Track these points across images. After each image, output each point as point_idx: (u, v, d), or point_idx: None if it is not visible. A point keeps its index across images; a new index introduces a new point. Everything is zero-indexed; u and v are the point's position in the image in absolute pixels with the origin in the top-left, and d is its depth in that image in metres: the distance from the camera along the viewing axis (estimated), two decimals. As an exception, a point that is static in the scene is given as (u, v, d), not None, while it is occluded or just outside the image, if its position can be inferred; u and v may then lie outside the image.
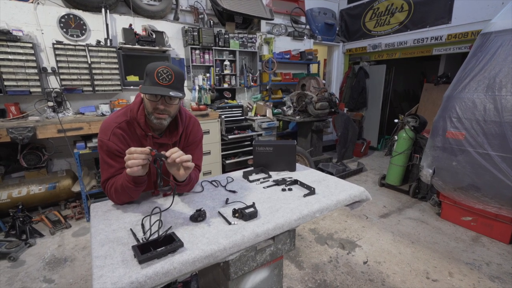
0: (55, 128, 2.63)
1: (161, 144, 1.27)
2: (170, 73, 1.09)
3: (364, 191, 1.35)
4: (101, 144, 1.17)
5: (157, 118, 1.15)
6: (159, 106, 1.12)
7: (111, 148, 1.16)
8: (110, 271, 0.78)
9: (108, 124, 1.19)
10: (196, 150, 1.40)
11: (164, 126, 1.20)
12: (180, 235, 0.93)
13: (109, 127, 1.18)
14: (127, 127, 1.20)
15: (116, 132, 1.17)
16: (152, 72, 1.08)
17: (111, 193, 1.17)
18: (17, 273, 2.12)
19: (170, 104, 1.15)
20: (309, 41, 5.26)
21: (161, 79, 1.07)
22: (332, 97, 4.20)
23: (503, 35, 2.39)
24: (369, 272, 2.15)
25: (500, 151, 2.29)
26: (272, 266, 1.19)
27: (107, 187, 1.19)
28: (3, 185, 2.77)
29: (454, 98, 2.59)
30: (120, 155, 1.17)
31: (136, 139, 1.23)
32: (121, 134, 1.18)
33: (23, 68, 2.77)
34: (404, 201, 3.45)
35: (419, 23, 4.56)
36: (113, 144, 1.16)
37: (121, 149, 1.17)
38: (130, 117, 1.21)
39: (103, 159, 1.19)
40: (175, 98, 1.15)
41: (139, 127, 1.21)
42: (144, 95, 1.15)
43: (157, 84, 1.07)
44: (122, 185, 1.11)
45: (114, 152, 1.17)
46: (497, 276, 2.09)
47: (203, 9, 3.99)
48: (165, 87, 1.08)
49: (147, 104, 1.15)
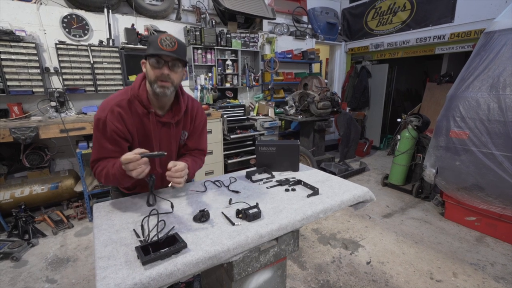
0: (57, 128, 2.63)
1: (164, 123, 1.25)
2: (173, 40, 1.09)
3: (368, 191, 1.34)
4: (97, 123, 1.14)
5: (160, 86, 1.12)
6: (163, 71, 1.10)
7: (107, 126, 1.13)
8: (114, 272, 0.77)
9: (107, 102, 1.17)
10: (202, 133, 1.44)
11: (167, 95, 1.16)
12: (184, 236, 0.93)
13: (107, 105, 1.15)
14: (127, 105, 1.17)
15: (114, 110, 1.14)
16: (155, 40, 1.08)
17: (100, 175, 1.14)
18: (19, 273, 2.13)
19: (174, 72, 1.13)
20: (311, 40, 5.24)
21: (165, 45, 1.07)
22: (334, 97, 4.18)
23: (507, 33, 2.37)
24: (372, 272, 2.14)
25: (504, 151, 2.27)
26: (276, 267, 1.18)
27: (96, 168, 1.16)
28: (6, 185, 2.77)
29: (457, 97, 2.57)
30: (115, 136, 1.14)
31: (137, 119, 1.19)
32: (119, 112, 1.15)
33: (25, 68, 2.78)
34: (407, 201, 3.43)
35: (421, 22, 4.54)
36: (110, 123, 1.13)
37: (117, 129, 1.14)
38: (131, 95, 1.18)
39: (96, 138, 1.16)
40: (178, 66, 1.14)
41: (140, 105, 1.18)
42: (147, 63, 1.13)
43: (160, 50, 1.07)
44: (115, 175, 1.08)
45: (109, 131, 1.13)
46: (502, 277, 2.08)
47: (205, 8, 3.98)
48: (169, 52, 1.08)
49: (150, 73, 1.12)
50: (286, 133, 4.92)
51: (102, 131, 1.14)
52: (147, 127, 1.21)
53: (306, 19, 5.23)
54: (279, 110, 4.52)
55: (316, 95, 4.06)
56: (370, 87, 5.76)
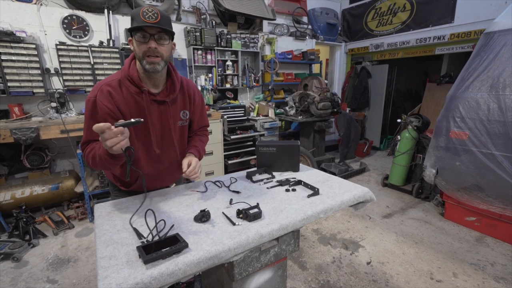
0: (58, 129, 2.64)
1: (159, 102, 1.21)
2: (155, 12, 1.05)
3: (368, 191, 1.34)
4: (87, 104, 1.13)
5: (149, 62, 1.09)
6: (150, 45, 1.06)
7: (96, 107, 1.10)
8: (115, 272, 0.77)
9: (98, 83, 1.15)
10: (203, 111, 1.45)
11: (158, 71, 1.12)
12: (185, 235, 0.93)
13: (97, 86, 1.13)
14: (118, 85, 1.14)
15: (103, 89, 1.11)
16: (137, 13, 1.04)
17: (88, 158, 1.12)
18: (20, 274, 2.13)
19: (161, 45, 1.09)
20: (311, 41, 5.25)
21: (148, 17, 1.03)
22: (334, 97, 4.19)
23: (506, 34, 2.37)
24: (372, 272, 2.14)
25: (504, 151, 2.27)
26: (276, 267, 1.18)
27: (86, 150, 1.13)
28: (7, 186, 2.78)
29: (457, 97, 2.58)
30: (105, 116, 1.10)
31: (130, 99, 1.15)
32: (108, 91, 1.11)
33: (26, 69, 2.78)
34: (407, 201, 3.43)
35: (421, 23, 4.54)
36: (99, 102, 1.10)
37: (106, 108, 1.10)
38: (122, 75, 1.15)
39: (86, 119, 1.14)
40: (166, 39, 1.10)
41: (132, 84, 1.14)
42: (134, 39, 1.09)
43: (143, 23, 1.03)
44: (100, 156, 1.04)
45: (99, 111, 1.10)
46: (502, 277, 2.08)
47: (205, 9, 3.99)
48: (152, 24, 1.04)
49: (137, 49, 1.09)
50: (286, 133, 4.93)
51: (92, 111, 1.11)
52: (141, 107, 1.17)
53: (306, 20, 5.24)
54: (279, 110, 4.52)
55: (316, 96, 4.07)
56: (370, 87, 5.77)
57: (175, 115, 1.29)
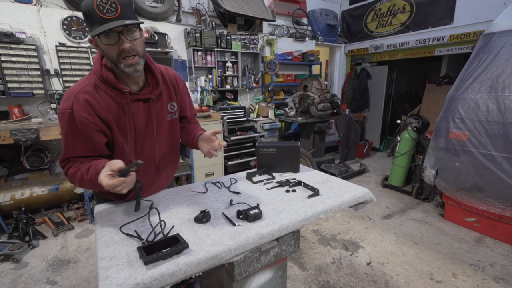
0: (58, 130, 2.64)
1: (145, 100, 1.09)
2: (112, 1, 0.86)
3: (368, 192, 1.35)
4: (61, 117, 0.97)
5: (128, 65, 0.95)
6: (123, 46, 0.91)
7: (75, 119, 0.96)
8: (116, 272, 0.78)
9: (71, 91, 0.99)
10: (189, 96, 1.34)
11: (140, 71, 1.01)
12: (185, 236, 0.93)
13: (71, 94, 0.97)
14: (94, 90, 0.99)
15: (79, 98, 0.96)
16: (91, 9, 0.86)
17: (73, 177, 1.01)
18: (20, 275, 2.13)
19: (133, 40, 0.94)
20: (311, 42, 5.27)
21: (106, 12, 0.86)
22: (334, 98, 4.20)
23: (506, 35, 2.38)
24: (372, 273, 2.14)
25: (503, 152, 2.28)
26: (276, 267, 1.18)
27: (68, 169, 1.02)
28: (6, 187, 2.78)
29: (457, 98, 2.58)
30: (85, 129, 0.98)
31: (111, 103, 1.02)
32: (85, 100, 0.97)
33: (26, 70, 2.79)
34: (407, 202, 3.43)
35: (421, 24, 4.56)
36: (77, 114, 0.95)
37: (86, 121, 0.97)
38: (95, 78, 1.00)
39: (64, 134, 1.00)
40: (135, 31, 0.94)
41: (109, 86, 1.00)
42: (100, 43, 0.92)
43: (104, 21, 0.87)
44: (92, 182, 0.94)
45: (79, 124, 0.97)
46: (501, 277, 2.08)
47: (205, 10, 4.00)
48: (114, 20, 0.87)
49: (108, 53, 0.94)
50: (286, 134, 4.93)
51: (70, 124, 0.97)
52: (124, 109, 1.05)
53: (306, 21, 5.26)
54: (279, 111, 4.53)
55: (316, 97, 4.07)
56: (370, 88, 5.78)
57: (162, 109, 1.17)
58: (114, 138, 1.07)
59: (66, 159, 1.04)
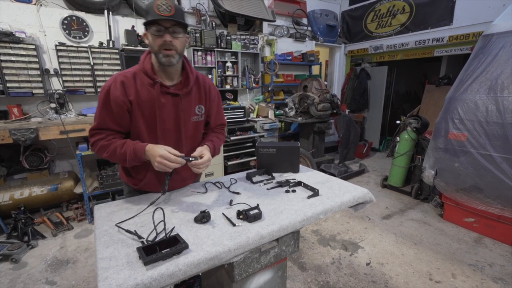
0: (57, 130, 2.63)
1: (173, 95, 1.22)
2: (169, 5, 1.07)
3: (368, 192, 1.35)
4: (101, 91, 1.17)
5: (165, 55, 1.12)
6: (165, 39, 1.09)
7: (109, 95, 1.14)
8: (115, 273, 0.77)
9: (115, 74, 1.20)
10: (219, 108, 1.45)
11: (173, 64, 1.16)
12: (185, 236, 0.93)
13: (113, 76, 1.19)
14: (132, 77, 1.18)
15: (117, 79, 1.16)
16: (151, 7, 1.07)
17: (101, 148, 1.17)
18: (19, 275, 2.12)
19: (176, 38, 1.12)
20: (311, 42, 5.27)
21: (162, 11, 1.06)
22: (334, 99, 4.20)
23: (505, 36, 2.39)
24: (372, 273, 2.14)
25: (502, 152, 2.28)
26: (276, 267, 1.18)
27: (98, 141, 1.17)
28: (5, 187, 2.77)
29: (456, 99, 2.59)
30: (116, 106, 1.15)
31: (143, 90, 1.18)
32: (122, 82, 1.16)
33: (25, 69, 2.78)
34: (406, 202, 3.44)
35: (420, 25, 4.57)
36: (112, 92, 1.14)
37: (117, 98, 1.14)
38: (138, 68, 1.20)
39: (99, 107, 1.17)
40: (180, 32, 1.13)
41: (146, 76, 1.18)
42: (148, 33, 1.13)
43: (158, 16, 1.06)
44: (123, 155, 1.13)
45: (111, 101, 1.14)
46: (500, 278, 2.08)
47: (205, 11, 4.00)
48: (167, 17, 1.07)
49: (152, 43, 1.12)
50: (286, 134, 4.93)
51: (104, 100, 1.15)
52: (152, 98, 1.19)
53: (306, 21, 5.26)
54: (279, 112, 4.53)
55: (316, 97, 4.08)
56: (370, 89, 5.78)
57: (189, 109, 1.28)
58: (134, 121, 1.21)
59: (96, 128, 1.19)
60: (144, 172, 1.30)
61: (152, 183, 1.32)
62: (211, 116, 1.41)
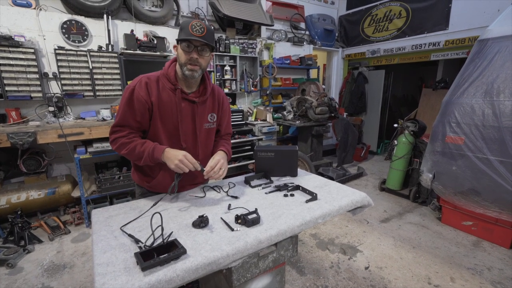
0: (55, 133, 2.63)
1: (190, 101, 1.32)
2: (202, 27, 1.18)
3: (366, 196, 1.35)
4: (125, 91, 1.25)
5: (189, 69, 1.22)
6: (192, 55, 1.20)
7: (133, 95, 1.23)
8: (112, 279, 0.77)
9: (139, 76, 1.29)
10: (229, 118, 1.57)
11: (195, 77, 1.26)
12: (183, 241, 0.93)
13: (138, 77, 1.28)
14: (155, 80, 1.28)
15: (142, 81, 1.26)
16: (186, 25, 1.18)
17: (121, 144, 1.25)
18: (15, 280, 2.10)
19: (202, 56, 1.23)
20: (309, 46, 5.30)
21: (195, 31, 1.16)
22: (331, 102, 4.22)
23: (500, 41, 2.41)
24: (370, 277, 2.14)
25: (499, 156, 2.29)
26: (274, 272, 1.18)
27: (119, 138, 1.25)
28: (2, 191, 2.75)
29: (452, 103, 2.61)
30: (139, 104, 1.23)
31: (164, 93, 1.27)
32: (146, 83, 1.25)
33: (24, 73, 2.78)
34: (404, 205, 3.44)
35: (417, 29, 4.61)
36: (136, 91, 1.23)
37: (140, 96, 1.23)
38: (161, 73, 1.30)
39: (122, 105, 1.25)
40: (207, 51, 1.24)
41: (168, 81, 1.28)
42: (179, 47, 1.24)
43: (191, 35, 1.16)
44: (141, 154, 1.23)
45: (134, 100, 1.23)
46: (498, 281, 2.09)
47: (204, 15, 4.03)
48: (198, 37, 1.17)
49: (181, 56, 1.22)
50: (284, 138, 4.94)
51: (129, 98, 1.23)
52: (173, 102, 1.29)
53: (304, 26, 5.30)
54: (277, 115, 4.54)
55: (314, 101, 4.10)
56: (367, 92, 5.82)
57: (203, 116, 1.39)
58: (153, 121, 1.29)
59: (118, 125, 1.27)
60: (157, 170, 1.37)
61: (165, 182, 1.36)
62: (222, 125, 1.53)
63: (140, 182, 1.43)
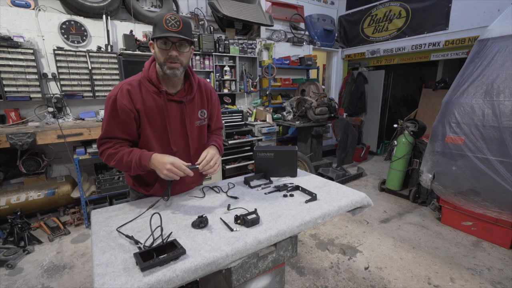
0: (55, 134, 2.63)
1: (177, 102, 1.25)
2: (178, 20, 1.09)
3: (366, 197, 1.35)
4: (107, 101, 1.18)
5: (170, 68, 1.14)
6: (171, 53, 1.12)
7: (116, 104, 1.15)
8: (112, 279, 0.77)
9: (120, 82, 1.21)
10: (219, 112, 1.49)
11: (177, 76, 1.18)
12: (182, 242, 0.93)
13: (119, 85, 1.20)
14: (137, 85, 1.19)
15: (123, 88, 1.17)
16: (160, 20, 1.09)
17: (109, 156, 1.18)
18: (15, 281, 2.09)
19: (182, 52, 1.15)
20: (308, 47, 5.31)
21: (170, 26, 1.08)
22: (331, 102, 4.22)
23: (500, 41, 2.41)
24: (370, 278, 2.14)
25: (499, 156, 2.29)
26: (274, 272, 1.18)
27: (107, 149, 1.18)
28: (2, 191, 2.75)
29: (452, 103, 2.61)
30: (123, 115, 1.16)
31: (148, 98, 1.20)
32: (127, 90, 1.17)
33: (23, 74, 2.78)
34: (404, 206, 3.44)
35: (417, 29, 4.62)
36: (119, 101, 1.15)
37: (124, 106, 1.15)
38: (142, 76, 1.21)
39: (106, 116, 1.18)
40: (186, 46, 1.15)
41: (151, 84, 1.20)
42: (155, 45, 1.15)
43: (166, 31, 1.08)
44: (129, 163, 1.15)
45: (118, 109, 1.15)
46: (498, 282, 2.08)
47: (204, 15, 4.03)
48: (174, 33, 1.08)
49: (159, 55, 1.14)
50: (284, 138, 4.94)
51: (112, 109, 1.16)
52: (159, 106, 1.22)
53: (303, 26, 5.30)
54: (277, 115, 4.54)
55: (314, 101, 4.10)
56: (367, 93, 5.82)
57: (192, 114, 1.32)
58: (142, 129, 1.22)
59: (104, 137, 1.20)
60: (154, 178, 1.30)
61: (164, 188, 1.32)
62: (212, 119, 1.45)
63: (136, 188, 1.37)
